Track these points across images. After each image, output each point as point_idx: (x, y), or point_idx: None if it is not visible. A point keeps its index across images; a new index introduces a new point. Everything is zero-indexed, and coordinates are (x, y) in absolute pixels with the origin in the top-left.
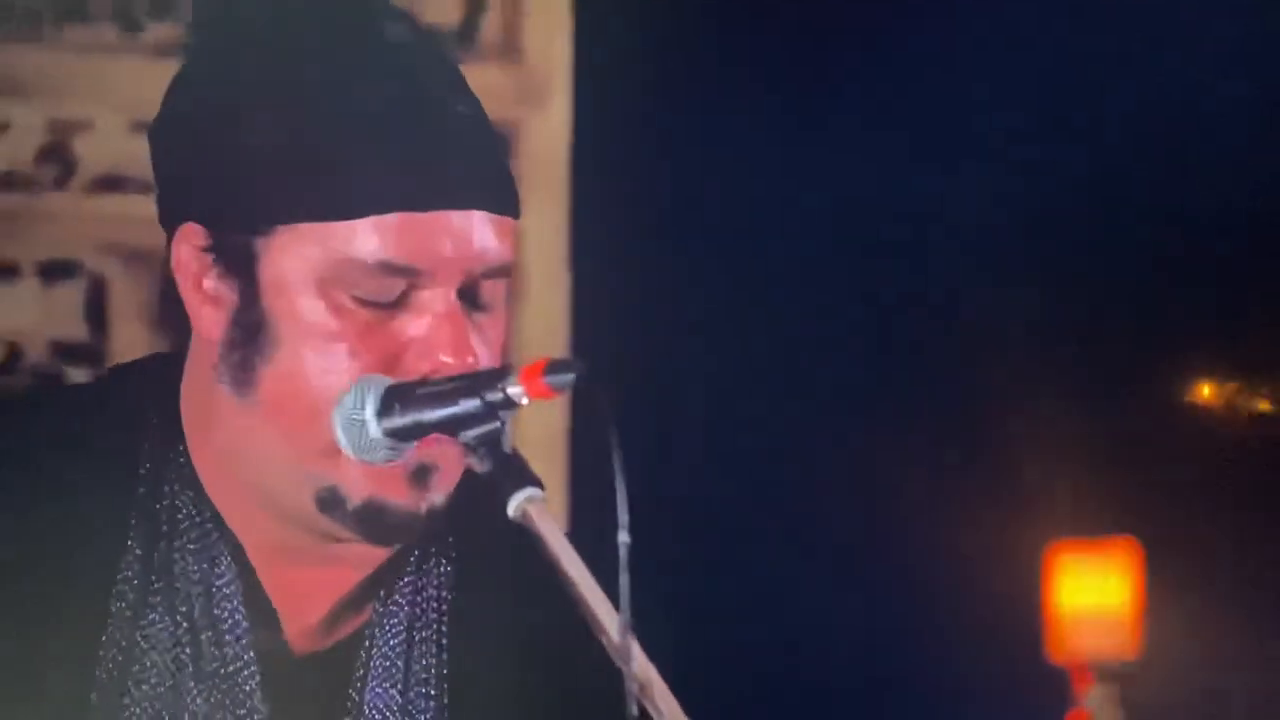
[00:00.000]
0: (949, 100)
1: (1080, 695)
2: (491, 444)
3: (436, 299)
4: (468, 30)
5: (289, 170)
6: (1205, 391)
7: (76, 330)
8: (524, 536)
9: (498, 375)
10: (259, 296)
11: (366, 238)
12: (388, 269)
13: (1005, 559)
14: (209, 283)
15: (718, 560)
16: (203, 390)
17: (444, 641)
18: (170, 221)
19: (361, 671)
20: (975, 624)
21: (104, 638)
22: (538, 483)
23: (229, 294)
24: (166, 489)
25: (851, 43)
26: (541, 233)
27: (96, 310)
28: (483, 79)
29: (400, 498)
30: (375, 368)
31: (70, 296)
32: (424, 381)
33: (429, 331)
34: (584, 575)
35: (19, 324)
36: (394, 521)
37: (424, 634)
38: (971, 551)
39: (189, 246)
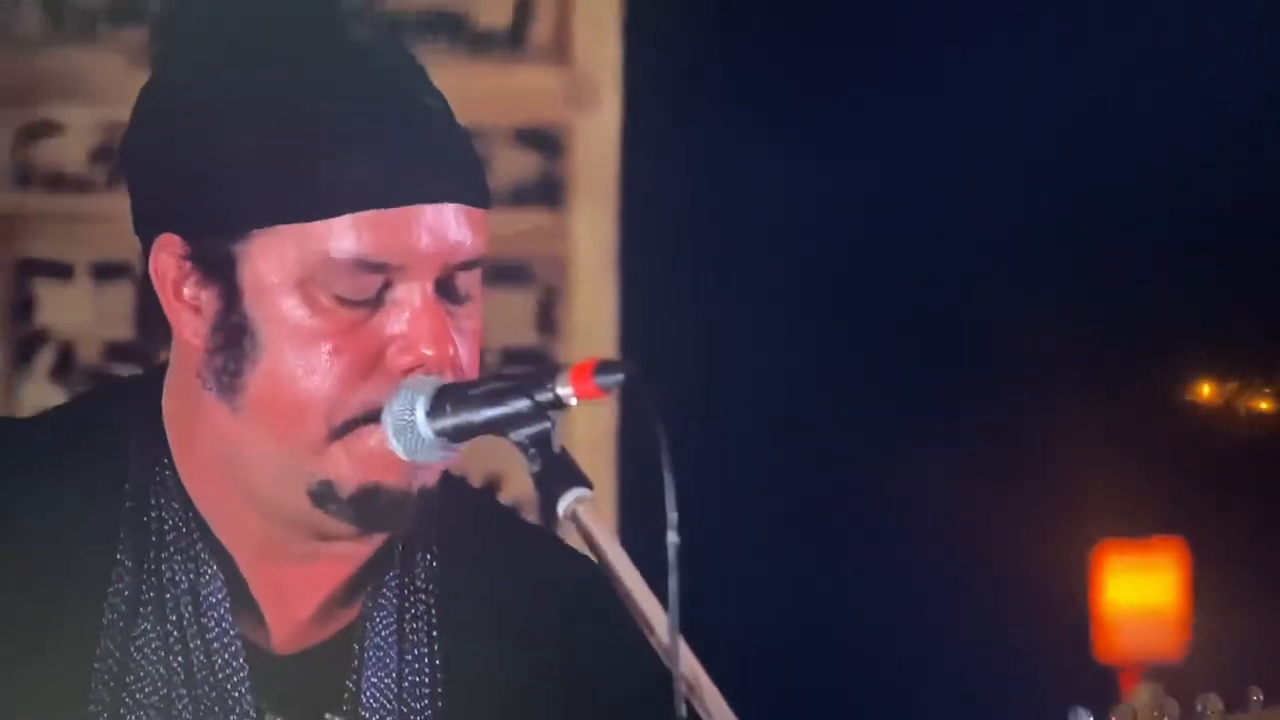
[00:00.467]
0: (987, 104)
1: (1127, 694)
2: (541, 444)
3: (414, 293)
4: (518, 33)
5: (261, 174)
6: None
7: (128, 331)
8: (504, 523)
9: (547, 375)
10: (240, 301)
11: (342, 236)
12: (364, 266)
13: (1052, 559)
14: (189, 290)
15: (765, 559)
16: (187, 399)
17: (435, 633)
18: (146, 232)
19: (356, 663)
20: (1022, 623)
21: (98, 650)
22: (587, 482)
23: (210, 300)
24: (153, 501)
25: (898, 45)
26: (590, 234)
27: (147, 312)
28: (533, 81)
29: (393, 479)
30: (359, 365)
31: (123, 298)
32: (474, 382)
33: (409, 326)
34: (633, 575)
35: (73, 325)
36: (388, 502)
37: (415, 624)
38: (1019, 552)
39: (167, 256)
